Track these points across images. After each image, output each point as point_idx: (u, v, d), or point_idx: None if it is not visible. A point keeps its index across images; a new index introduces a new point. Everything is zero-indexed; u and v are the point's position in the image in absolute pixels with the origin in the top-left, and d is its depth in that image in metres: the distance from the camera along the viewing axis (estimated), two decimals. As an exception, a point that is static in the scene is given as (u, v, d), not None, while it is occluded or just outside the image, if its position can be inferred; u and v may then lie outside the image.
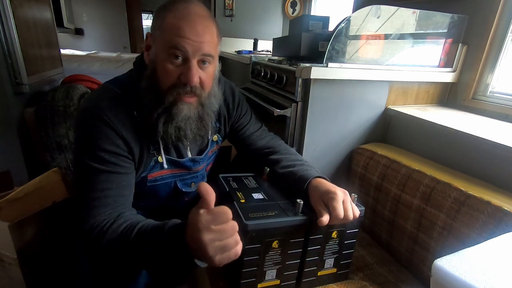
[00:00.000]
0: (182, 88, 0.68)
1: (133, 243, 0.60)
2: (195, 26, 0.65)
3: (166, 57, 0.66)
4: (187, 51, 0.65)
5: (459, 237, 0.75)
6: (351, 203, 0.68)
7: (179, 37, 0.64)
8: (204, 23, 0.66)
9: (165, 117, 0.70)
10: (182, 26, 0.64)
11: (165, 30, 0.65)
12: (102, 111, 0.66)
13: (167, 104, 0.69)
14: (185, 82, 0.67)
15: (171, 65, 0.66)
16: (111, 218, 0.65)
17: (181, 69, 0.67)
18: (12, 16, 1.24)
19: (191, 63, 0.66)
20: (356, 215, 0.68)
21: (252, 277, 0.71)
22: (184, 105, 0.70)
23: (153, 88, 0.69)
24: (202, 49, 0.66)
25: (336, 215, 0.65)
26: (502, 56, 1.13)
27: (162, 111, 0.69)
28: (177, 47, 0.64)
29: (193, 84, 0.67)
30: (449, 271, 0.48)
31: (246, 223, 0.65)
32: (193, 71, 0.66)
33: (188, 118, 0.71)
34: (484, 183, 0.82)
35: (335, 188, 0.69)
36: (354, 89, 1.07)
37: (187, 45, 0.64)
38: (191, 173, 0.85)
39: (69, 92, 1.41)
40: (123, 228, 0.62)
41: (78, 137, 0.69)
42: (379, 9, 1.04)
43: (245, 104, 0.95)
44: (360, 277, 0.85)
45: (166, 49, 0.65)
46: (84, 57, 3.28)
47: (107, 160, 0.66)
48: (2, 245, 0.85)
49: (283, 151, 0.90)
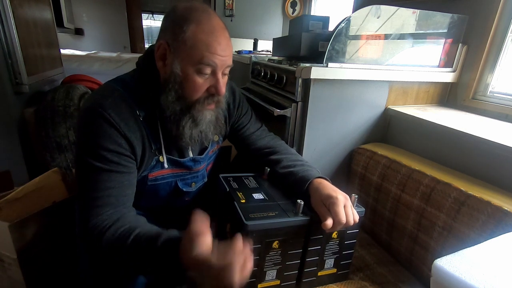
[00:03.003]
0: (210, 98, 0.73)
1: (128, 249, 0.61)
2: (221, 41, 0.68)
3: (195, 71, 0.68)
4: (217, 66, 0.69)
5: (459, 237, 0.75)
6: (351, 208, 0.69)
7: (210, 53, 0.67)
8: (226, 36, 0.70)
9: (190, 124, 0.73)
10: (212, 43, 0.67)
11: (193, 46, 0.67)
12: (105, 110, 0.66)
13: (193, 113, 0.72)
14: (214, 93, 0.72)
15: (201, 79, 0.69)
16: (111, 219, 0.65)
17: (209, 82, 0.71)
18: (12, 16, 1.24)
19: (219, 76, 0.70)
20: (356, 219, 0.69)
21: (252, 277, 0.71)
22: (207, 112, 0.74)
23: (180, 100, 0.71)
24: (227, 63, 0.71)
25: (338, 220, 0.66)
26: (502, 56, 1.13)
27: (188, 119, 0.73)
28: (209, 64, 0.68)
29: (223, 94, 0.73)
30: (449, 271, 0.48)
31: (246, 223, 0.65)
32: (222, 84, 0.71)
33: (209, 122, 0.76)
34: (484, 183, 0.82)
35: (336, 192, 0.70)
36: (354, 89, 1.07)
37: (217, 61, 0.68)
38: (191, 172, 0.85)
39: (69, 92, 1.41)
40: (121, 232, 0.63)
41: (80, 136, 0.69)
42: (379, 9, 1.04)
43: (245, 103, 0.95)
44: (360, 277, 0.85)
45: (195, 64, 0.67)
46: (84, 57, 3.28)
47: (109, 159, 0.66)
48: (2, 245, 0.85)
49: (283, 151, 0.90)
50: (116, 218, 0.65)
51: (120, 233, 0.63)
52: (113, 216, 0.66)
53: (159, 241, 0.59)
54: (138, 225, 0.64)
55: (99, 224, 0.64)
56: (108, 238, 0.62)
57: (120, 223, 0.64)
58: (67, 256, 0.99)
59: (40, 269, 0.94)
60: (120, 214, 0.67)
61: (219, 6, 2.79)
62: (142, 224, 0.67)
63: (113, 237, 0.62)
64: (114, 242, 0.62)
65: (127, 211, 0.68)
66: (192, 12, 0.67)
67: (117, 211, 0.67)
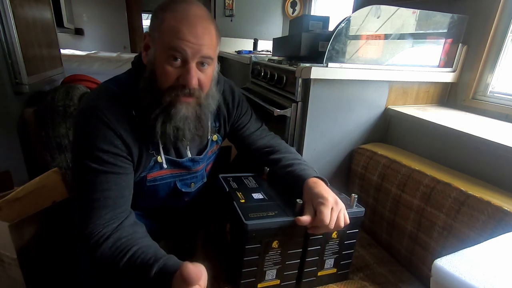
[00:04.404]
0: (180, 89, 0.67)
1: (122, 268, 0.61)
2: (194, 28, 0.65)
3: (165, 58, 0.65)
4: (187, 54, 0.64)
5: (459, 237, 0.75)
6: (341, 213, 0.68)
7: (179, 39, 0.63)
8: (203, 25, 0.66)
9: (163, 118, 0.69)
10: (182, 28, 0.64)
11: (164, 32, 0.65)
12: (101, 111, 0.65)
13: (165, 104, 0.68)
14: (184, 84, 0.67)
15: (170, 66, 0.66)
16: (109, 228, 0.64)
17: (180, 71, 0.66)
18: (12, 16, 1.23)
19: (190, 66, 0.66)
20: (341, 225, 0.67)
21: (252, 277, 0.71)
22: (182, 105, 0.69)
23: (151, 89, 0.68)
24: (201, 52, 0.66)
25: (320, 220, 0.65)
26: (502, 56, 1.13)
27: (160, 112, 0.69)
28: (176, 49, 0.64)
29: (192, 86, 0.67)
30: (449, 271, 0.48)
31: (246, 223, 0.65)
32: (192, 74, 0.66)
33: (186, 118, 0.71)
34: (484, 183, 0.82)
35: (328, 194, 0.69)
36: (354, 89, 1.07)
37: (186, 48, 0.64)
38: (190, 173, 0.85)
39: (69, 92, 1.41)
40: (117, 248, 0.63)
41: (76, 137, 0.68)
42: (379, 9, 1.04)
43: (245, 103, 0.95)
44: (360, 277, 0.85)
45: (165, 51, 0.65)
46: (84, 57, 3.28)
47: (105, 161, 0.66)
48: (2, 245, 0.85)
49: (283, 150, 0.90)
50: (115, 227, 0.65)
51: (116, 248, 0.62)
52: (111, 224, 0.65)
53: (152, 270, 0.59)
54: (135, 241, 0.64)
55: (97, 233, 0.63)
56: (104, 250, 0.62)
57: (118, 234, 0.64)
58: (67, 256, 0.99)
59: (40, 269, 0.94)
60: (119, 221, 0.66)
61: (219, 6, 2.79)
62: (140, 237, 0.66)
63: (109, 251, 0.62)
64: (108, 256, 0.62)
65: (125, 215, 0.68)
66: (171, 2, 0.67)
67: (115, 215, 0.66)
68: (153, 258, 0.61)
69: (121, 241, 0.63)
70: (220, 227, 0.88)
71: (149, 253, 0.62)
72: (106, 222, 0.65)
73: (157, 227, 0.88)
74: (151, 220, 0.88)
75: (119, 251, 0.62)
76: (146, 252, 0.62)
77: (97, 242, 0.63)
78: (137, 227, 0.69)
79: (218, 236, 0.90)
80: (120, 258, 0.61)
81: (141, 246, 0.64)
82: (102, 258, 0.62)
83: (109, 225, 0.65)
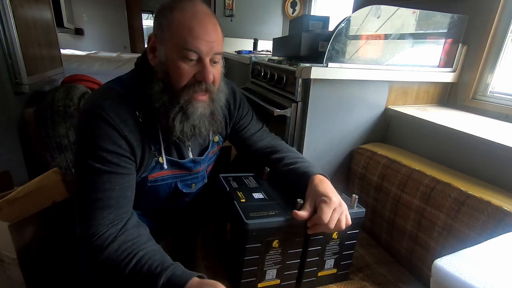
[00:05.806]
0: (198, 86, 0.69)
1: (128, 274, 0.61)
2: (206, 25, 0.66)
3: (179, 57, 0.66)
4: (202, 51, 0.66)
5: (459, 237, 0.75)
6: (343, 216, 0.68)
7: (193, 38, 0.65)
8: (212, 22, 0.68)
9: (181, 117, 0.70)
10: (194, 27, 0.65)
11: (176, 31, 0.65)
12: (105, 111, 0.65)
13: (182, 103, 0.70)
14: (201, 80, 0.69)
15: (186, 65, 0.67)
16: (113, 231, 0.64)
17: (195, 68, 0.68)
18: (12, 16, 1.23)
19: (206, 62, 0.68)
20: (342, 227, 0.67)
21: (252, 277, 0.71)
22: (198, 104, 0.71)
23: (167, 89, 0.70)
24: (214, 49, 0.68)
25: (319, 218, 0.65)
26: (502, 56, 1.13)
27: (178, 111, 0.70)
28: (192, 49, 0.65)
29: (209, 82, 0.69)
30: (449, 271, 0.48)
31: (246, 222, 0.65)
32: (208, 70, 0.68)
33: (202, 116, 0.73)
34: (484, 183, 0.82)
35: (333, 194, 0.69)
36: (354, 89, 1.07)
37: (201, 46, 0.66)
38: (191, 174, 0.85)
39: (69, 92, 1.41)
40: (122, 252, 0.62)
41: (79, 137, 0.68)
42: (379, 9, 1.04)
43: (246, 105, 0.95)
44: (360, 277, 0.85)
45: (180, 50, 0.66)
46: (84, 57, 3.28)
47: (109, 161, 0.66)
48: (2, 245, 0.85)
49: (284, 149, 0.90)
50: (119, 229, 0.65)
51: (122, 252, 0.62)
52: (115, 225, 0.65)
53: (160, 281, 0.59)
54: (141, 246, 0.64)
55: (101, 234, 0.63)
56: (109, 254, 0.62)
57: (123, 238, 0.64)
58: (67, 256, 0.99)
59: (40, 269, 0.94)
60: (123, 222, 0.66)
61: (219, 6, 2.79)
62: (145, 241, 0.66)
63: (114, 254, 0.62)
64: (114, 260, 0.62)
65: (128, 216, 0.68)
66: (176, 1, 0.68)
67: (118, 216, 0.66)
68: (160, 266, 0.61)
69: (126, 245, 0.63)
70: (220, 227, 0.88)
71: (156, 260, 0.62)
72: (110, 222, 0.65)
73: (157, 227, 0.88)
74: (151, 220, 0.88)
75: (124, 255, 0.62)
76: (153, 259, 0.62)
77: (102, 244, 0.62)
78: (141, 229, 0.69)
79: (219, 235, 0.90)
80: (126, 263, 0.61)
81: (147, 252, 0.64)
82: (107, 261, 0.62)
83: (113, 226, 0.65)
